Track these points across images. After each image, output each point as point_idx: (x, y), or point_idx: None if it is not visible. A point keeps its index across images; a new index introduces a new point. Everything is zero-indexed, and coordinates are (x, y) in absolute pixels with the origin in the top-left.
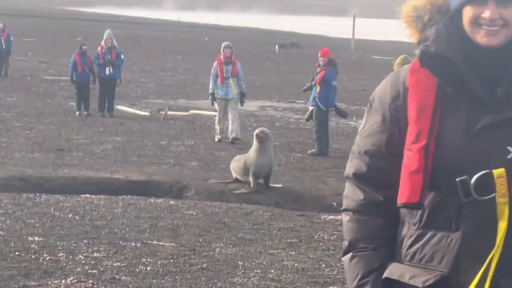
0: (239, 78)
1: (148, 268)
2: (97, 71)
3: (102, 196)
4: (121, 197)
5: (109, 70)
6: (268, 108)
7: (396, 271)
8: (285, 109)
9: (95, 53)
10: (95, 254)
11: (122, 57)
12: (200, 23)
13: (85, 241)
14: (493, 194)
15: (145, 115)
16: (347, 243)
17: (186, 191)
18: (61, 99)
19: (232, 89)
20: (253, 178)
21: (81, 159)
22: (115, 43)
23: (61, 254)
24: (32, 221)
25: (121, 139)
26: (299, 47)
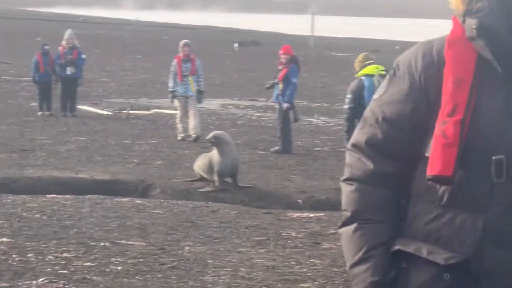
0: (198, 76)
1: (119, 268)
2: (59, 71)
3: (69, 196)
4: (87, 197)
5: (70, 70)
6: (229, 106)
7: (411, 245)
8: (247, 107)
9: (56, 53)
10: (64, 255)
11: (83, 56)
12: (159, 22)
13: (54, 241)
14: None
15: (108, 114)
16: (349, 214)
17: (151, 190)
18: (22, 99)
19: (191, 87)
20: (218, 177)
21: (46, 159)
22: (77, 43)
23: (30, 254)
24: (0, 222)
25: (85, 138)
26: (258, 44)
